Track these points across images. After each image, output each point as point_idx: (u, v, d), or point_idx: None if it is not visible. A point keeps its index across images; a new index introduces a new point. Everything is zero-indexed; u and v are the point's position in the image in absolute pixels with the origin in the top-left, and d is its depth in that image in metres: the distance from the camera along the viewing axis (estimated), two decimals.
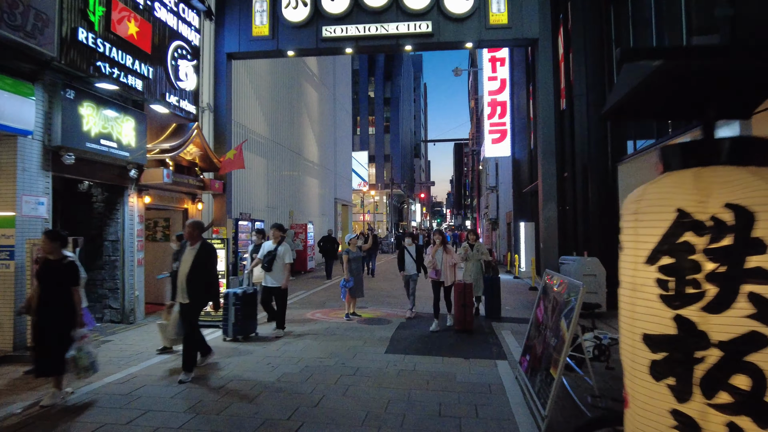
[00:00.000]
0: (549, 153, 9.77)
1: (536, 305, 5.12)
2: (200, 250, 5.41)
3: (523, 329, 7.77)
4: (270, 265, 7.26)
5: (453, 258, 7.98)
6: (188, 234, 5.51)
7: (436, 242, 7.97)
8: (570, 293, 3.96)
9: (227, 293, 7.08)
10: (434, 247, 7.93)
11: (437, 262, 7.81)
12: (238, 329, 7.05)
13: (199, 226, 5.69)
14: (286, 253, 7.33)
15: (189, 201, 10.63)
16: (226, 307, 7.00)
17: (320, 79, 23.58)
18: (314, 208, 22.23)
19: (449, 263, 7.87)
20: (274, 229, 7.58)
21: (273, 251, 7.29)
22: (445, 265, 7.83)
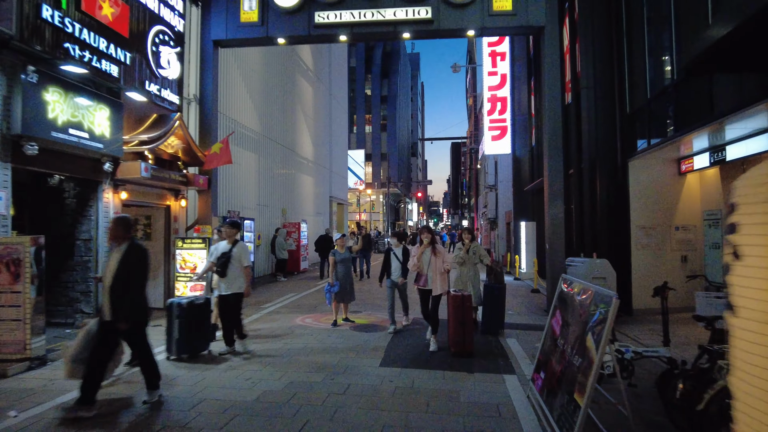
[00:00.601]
0: (556, 148, 9.17)
1: (551, 315, 4.51)
2: (127, 252, 4.33)
3: (531, 337, 7.19)
4: (224, 269, 6.15)
5: (445, 262, 6.48)
6: (112, 233, 4.49)
7: (423, 242, 6.58)
8: (597, 304, 3.35)
9: (170, 304, 6.13)
10: (420, 247, 6.58)
11: (424, 266, 6.46)
12: (183, 346, 5.95)
13: (124, 222, 4.50)
14: (243, 254, 6.27)
15: (172, 197, 9.97)
16: (169, 321, 6.02)
17: (315, 74, 22.92)
18: (308, 207, 21.58)
19: (439, 269, 6.41)
20: (226, 227, 6.43)
21: (227, 253, 6.20)
22: (434, 271, 6.40)
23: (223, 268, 6.16)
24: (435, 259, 6.43)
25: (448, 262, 6.48)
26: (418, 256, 6.46)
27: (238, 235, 6.47)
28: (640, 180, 9.21)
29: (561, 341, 3.98)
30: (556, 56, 9.46)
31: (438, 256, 6.46)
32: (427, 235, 6.60)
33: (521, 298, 11.35)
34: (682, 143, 7.98)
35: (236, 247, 6.26)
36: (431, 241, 6.57)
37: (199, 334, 6.22)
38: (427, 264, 6.44)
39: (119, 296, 4.23)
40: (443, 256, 6.50)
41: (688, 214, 9.10)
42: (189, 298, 6.27)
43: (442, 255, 6.50)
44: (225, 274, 6.16)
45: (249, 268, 6.36)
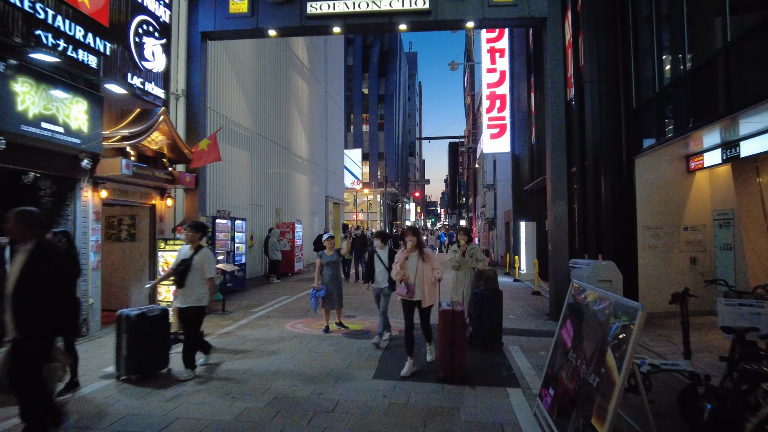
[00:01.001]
0: (559, 145, 8.76)
1: (561, 325, 4.09)
2: (31, 254, 3.43)
3: (535, 344, 6.78)
4: (182, 278, 5.29)
5: (435, 269, 5.41)
6: (10, 231, 3.53)
7: (408, 245, 5.48)
8: (618, 316, 2.94)
9: (118, 316, 5.30)
10: (404, 252, 5.50)
11: (409, 274, 5.40)
12: (132, 365, 5.12)
13: (25, 217, 3.52)
14: (206, 263, 5.36)
15: (157, 196, 9.52)
16: (118, 335, 5.24)
17: (310, 71, 22.48)
18: (303, 207, 21.14)
19: (427, 277, 5.41)
20: (188, 229, 5.49)
21: (188, 259, 5.34)
22: (422, 280, 5.39)
23: (181, 277, 5.31)
24: (422, 266, 5.41)
25: (439, 270, 5.38)
26: (401, 263, 5.35)
27: (203, 240, 5.62)
28: (647, 178, 8.81)
29: (573, 355, 3.57)
30: (559, 48, 9.04)
31: (426, 262, 5.43)
32: (411, 237, 5.46)
33: (522, 301, 10.95)
34: (691, 139, 7.59)
35: (199, 255, 5.38)
36: (417, 244, 5.48)
37: (153, 350, 5.36)
38: (414, 272, 5.41)
39: (22, 307, 3.36)
40: (432, 262, 5.47)
41: (697, 213, 8.70)
42: (141, 309, 5.40)
43: (431, 261, 5.47)
44: (183, 285, 5.31)
45: (213, 279, 5.48)
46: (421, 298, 5.44)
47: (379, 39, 61.44)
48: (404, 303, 5.54)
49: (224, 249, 11.96)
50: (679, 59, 7.66)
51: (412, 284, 5.39)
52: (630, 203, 8.94)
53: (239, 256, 12.73)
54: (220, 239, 11.85)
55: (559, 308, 8.59)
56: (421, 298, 5.44)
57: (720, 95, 6.55)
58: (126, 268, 9.54)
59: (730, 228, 8.00)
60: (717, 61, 6.55)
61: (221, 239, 11.88)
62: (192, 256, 5.39)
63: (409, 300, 5.47)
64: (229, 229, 12.27)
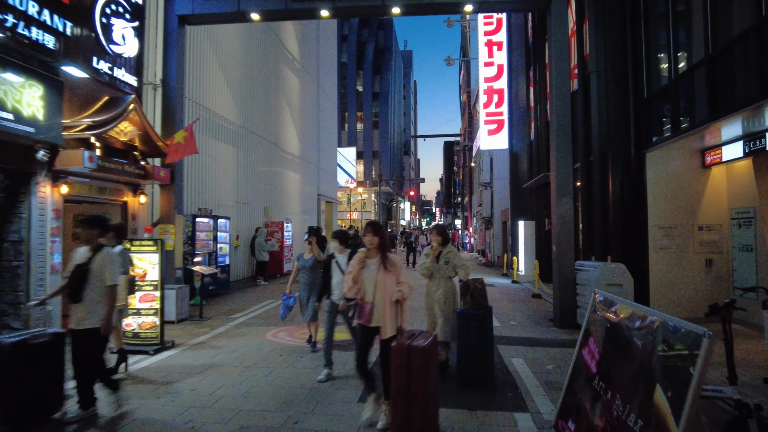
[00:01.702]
0: (565, 137, 8.10)
1: (581, 342, 3.42)
2: None
3: (541, 355, 6.10)
4: (78, 289, 4.04)
5: (400, 283, 3.84)
6: None
7: (368, 248, 3.97)
8: (670, 342, 2.26)
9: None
10: (359, 256, 3.99)
11: (365, 289, 3.90)
12: (10, 409, 3.81)
13: None
14: (107, 267, 4.07)
15: (129, 193, 8.79)
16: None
17: (302, 65, 21.73)
18: (294, 205, 20.40)
19: (390, 294, 3.81)
20: (84, 227, 4.20)
21: (84, 264, 4.09)
22: (383, 298, 3.82)
23: (76, 288, 4.05)
24: (385, 278, 3.83)
25: (406, 285, 3.83)
26: (355, 272, 3.88)
27: (104, 238, 4.37)
28: (659, 174, 8.18)
29: (601, 384, 2.89)
30: (564, 31, 8.36)
31: (390, 272, 3.86)
32: (372, 237, 3.91)
33: (521, 304, 10.30)
34: (708, 132, 6.96)
35: (98, 256, 4.09)
36: (379, 246, 3.92)
37: (40, 389, 3.98)
38: (372, 285, 3.85)
39: None
40: (399, 272, 3.89)
41: (714, 212, 8.07)
42: (20, 336, 4.05)
43: (397, 271, 3.89)
44: (80, 298, 4.03)
45: (114, 289, 4.13)
46: (381, 324, 3.82)
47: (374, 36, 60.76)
48: (360, 330, 3.97)
49: (206, 249, 11.23)
50: (698, 43, 7.02)
51: (368, 304, 3.84)
52: (640, 201, 8.30)
53: (222, 257, 12.01)
54: (201, 239, 11.11)
55: (564, 314, 7.97)
56: (381, 325, 3.82)
57: (744, 81, 5.92)
58: None
59: (750, 227, 7.37)
60: (742, 43, 5.91)
61: (202, 239, 11.14)
62: (90, 259, 4.09)
63: (365, 326, 3.88)
64: (212, 228, 11.54)
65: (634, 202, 8.41)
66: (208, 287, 10.89)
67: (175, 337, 7.21)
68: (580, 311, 7.65)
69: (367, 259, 3.95)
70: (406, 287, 3.81)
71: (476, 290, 5.12)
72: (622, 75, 8.84)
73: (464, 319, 5.04)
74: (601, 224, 9.21)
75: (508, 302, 10.61)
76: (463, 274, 5.29)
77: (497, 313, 9.14)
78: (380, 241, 3.96)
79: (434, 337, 3.84)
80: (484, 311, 5.06)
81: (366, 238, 3.94)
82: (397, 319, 3.79)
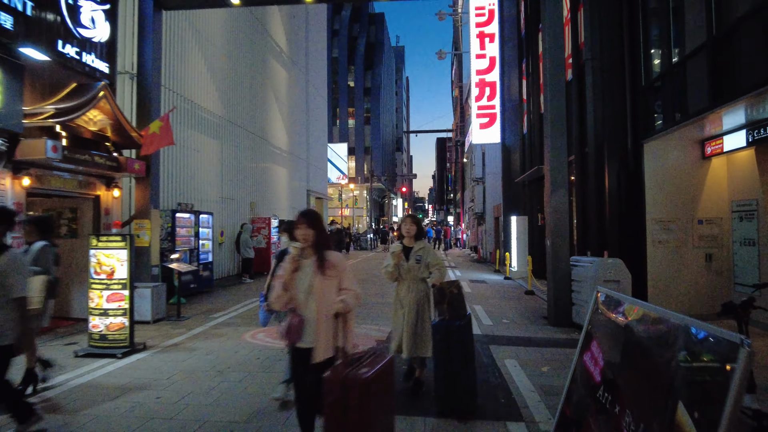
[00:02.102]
0: (559, 126, 7.73)
1: (582, 346, 3.04)
2: None
3: (535, 356, 5.74)
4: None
5: (342, 290, 2.96)
6: None
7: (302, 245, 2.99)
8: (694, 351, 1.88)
9: None
10: (291, 259, 2.97)
11: (298, 298, 2.95)
12: None
13: None
14: (12, 273, 3.19)
15: (102, 186, 8.31)
16: None
17: (290, 58, 21.23)
18: (282, 201, 19.94)
19: (327, 304, 2.89)
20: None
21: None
22: (317, 310, 2.90)
23: None
24: (322, 284, 2.91)
25: (352, 293, 2.93)
26: (286, 276, 2.93)
27: (8, 237, 3.59)
28: (657, 165, 7.85)
29: (607, 396, 2.52)
30: (559, 14, 7.98)
31: (329, 277, 2.92)
32: (305, 230, 2.96)
33: (514, 302, 9.96)
34: (708, 120, 6.63)
35: (6, 257, 3.21)
36: (316, 243, 2.98)
37: None
38: (305, 294, 2.92)
39: None
40: (342, 276, 2.98)
41: (714, 204, 7.76)
42: None
43: (339, 274, 2.97)
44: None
45: (23, 301, 3.26)
46: (313, 346, 2.86)
47: (365, 31, 60.20)
48: (292, 355, 3.05)
49: (187, 246, 10.77)
50: (699, 26, 6.67)
51: (298, 318, 2.88)
52: (637, 193, 7.98)
53: (205, 253, 11.55)
54: (182, 235, 10.65)
55: (559, 312, 7.64)
56: (314, 345, 2.86)
57: (750, 64, 5.58)
58: (66, 268, 8.29)
59: (753, 221, 7.06)
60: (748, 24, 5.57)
61: (183, 235, 10.68)
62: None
63: (298, 348, 2.91)
64: (193, 224, 11.07)
65: (631, 194, 8.09)
66: (189, 285, 10.45)
67: (148, 338, 6.79)
68: (576, 308, 7.32)
69: (302, 260, 2.97)
70: (350, 296, 2.89)
71: (454, 297, 4.19)
72: (619, 63, 8.50)
73: (442, 333, 4.04)
74: (596, 218, 8.88)
75: (501, 299, 10.27)
76: (438, 276, 4.35)
77: (489, 310, 8.80)
78: (316, 237, 2.96)
79: (388, 362, 2.83)
80: (464, 322, 4.12)
81: (299, 232, 2.95)
82: (336, 337, 2.83)
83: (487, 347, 6.21)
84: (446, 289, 4.19)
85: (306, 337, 2.89)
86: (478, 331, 7.12)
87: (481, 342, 6.46)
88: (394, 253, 4.47)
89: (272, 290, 3.04)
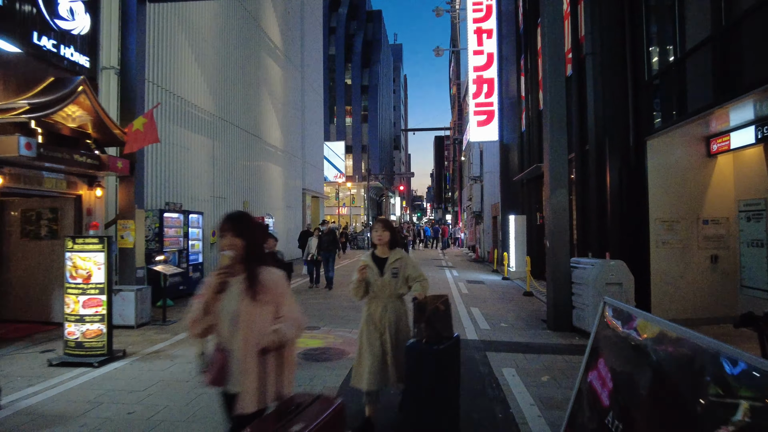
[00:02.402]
0: (559, 122, 7.42)
1: (588, 364, 2.75)
2: None
3: (535, 365, 5.42)
4: None
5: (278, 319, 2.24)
6: None
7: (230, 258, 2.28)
8: (728, 383, 1.58)
9: None
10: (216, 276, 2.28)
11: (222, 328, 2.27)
12: None
13: None
14: None
15: (84, 185, 7.99)
16: None
17: (285, 54, 20.88)
18: (277, 200, 19.62)
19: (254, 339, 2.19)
20: None
21: None
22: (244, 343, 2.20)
23: None
24: (251, 311, 2.23)
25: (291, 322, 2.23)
26: (207, 297, 2.29)
27: None
28: (660, 163, 7.56)
29: (618, 424, 2.22)
30: (558, 9, 7.67)
31: (259, 302, 2.24)
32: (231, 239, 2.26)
33: (512, 304, 9.67)
34: (714, 117, 6.34)
35: None
36: (245, 257, 2.28)
37: None
38: (230, 321, 2.25)
39: None
40: (280, 301, 2.29)
41: (720, 204, 7.47)
42: None
43: (276, 299, 2.28)
44: None
45: None
46: (240, 390, 2.20)
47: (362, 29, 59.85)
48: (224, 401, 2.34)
49: (175, 247, 10.44)
50: (706, 17, 6.37)
51: (222, 355, 2.24)
52: (640, 192, 7.68)
53: (195, 254, 11.23)
54: (170, 236, 10.33)
55: (559, 315, 7.34)
56: (240, 390, 2.20)
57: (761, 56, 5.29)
58: (46, 270, 8.01)
59: (761, 221, 6.77)
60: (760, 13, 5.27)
61: (171, 236, 10.36)
62: None
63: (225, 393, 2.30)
64: (182, 224, 10.75)
65: (634, 193, 7.79)
66: (178, 287, 10.14)
67: (130, 344, 6.49)
68: (577, 312, 7.03)
69: (229, 278, 2.26)
70: (289, 326, 2.18)
71: (435, 314, 3.41)
72: (620, 56, 8.19)
73: (414, 357, 3.30)
74: (597, 218, 8.59)
75: (499, 301, 9.98)
76: (420, 288, 3.54)
77: (487, 313, 8.51)
78: (247, 248, 2.24)
79: (335, 411, 2.16)
80: (445, 346, 3.35)
81: (225, 240, 2.24)
82: (270, 381, 2.18)
83: (484, 354, 5.91)
84: (428, 304, 3.45)
85: (232, 380, 2.22)
86: (475, 336, 6.84)
87: (478, 348, 6.17)
88: (360, 266, 3.54)
89: (188, 315, 2.31)
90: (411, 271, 3.60)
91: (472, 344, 6.38)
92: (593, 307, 6.61)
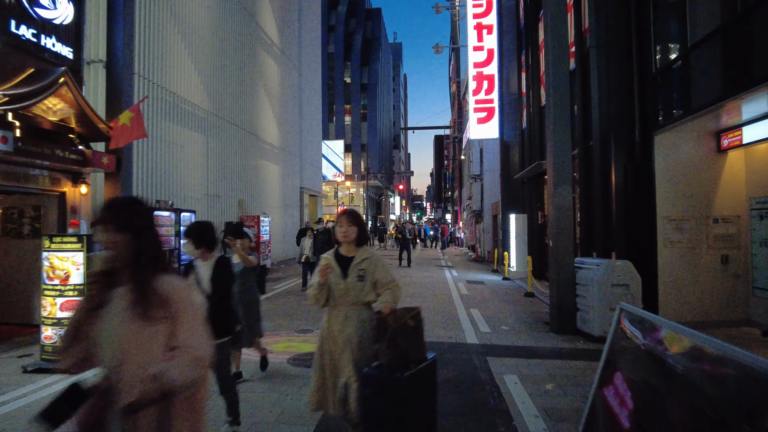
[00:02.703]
0: (563, 117, 7.12)
1: (602, 379, 2.44)
2: None
3: (538, 371, 5.09)
4: None
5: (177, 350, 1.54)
6: None
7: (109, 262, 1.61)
8: None
9: None
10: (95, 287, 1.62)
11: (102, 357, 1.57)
12: None
13: None
14: None
15: (68, 182, 7.68)
16: None
17: (282, 50, 20.56)
18: (274, 198, 19.31)
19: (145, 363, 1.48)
20: None
21: None
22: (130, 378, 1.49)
23: None
24: (138, 335, 1.53)
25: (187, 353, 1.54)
26: (78, 313, 1.61)
27: None
28: (668, 159, 7.24)
29: None
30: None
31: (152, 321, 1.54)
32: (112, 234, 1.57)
33: (514, 305, 9.36)
34: (725, 110, 6.03)
35: None
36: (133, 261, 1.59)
37: None
38: (111, 348, 1.54)
39: None
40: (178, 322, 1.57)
41: (730, 201, 7.15)
42: None
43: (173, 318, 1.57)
44: None
45: None
46: None
47: (361, 27, 59.52)
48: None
49: (166, 246, 10.13)
50: (717, 6, 6.06)
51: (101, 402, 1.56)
52: (647, 190, 7.37)
53: (186, 254, 10.91)
54: (161, 235, 10.01)
55: (563, 318, 7.03)
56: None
57: None
58: (29, 271, 7.69)
59: None
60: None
61: (162, 234, 10.04)
62: None
63: None
64: (173, 222, 10.43)
65: (640, 191, 7.48)
66: None
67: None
68: (581, 315, 6.72)
69: (105, 291, 1.61)
70: (179, 364, 1.52)
71: (401, 331, 2.71)
72: (626, 48, 7.88)
73: (370, 387, 2.62)
74: (602, 217, 8.28)
75: (500, 302, 9.67)
76: (390, 298, 2.87)
77: (487, 315, 8.20)
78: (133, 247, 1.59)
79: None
80: (412, 372, 2.64)
81: (102, 236, 1.59)
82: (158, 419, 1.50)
83: (485, 359, 5.60)
84: (392, 319, 2.75)
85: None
86: (474, 339, 6.52)
87: (479, 353, 5.86)
88: (321, 267, 2.90)
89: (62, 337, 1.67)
90: (381, 274, 2.93)
91: (471, 348, 6.08)
92: (598, 309, 6.31)
